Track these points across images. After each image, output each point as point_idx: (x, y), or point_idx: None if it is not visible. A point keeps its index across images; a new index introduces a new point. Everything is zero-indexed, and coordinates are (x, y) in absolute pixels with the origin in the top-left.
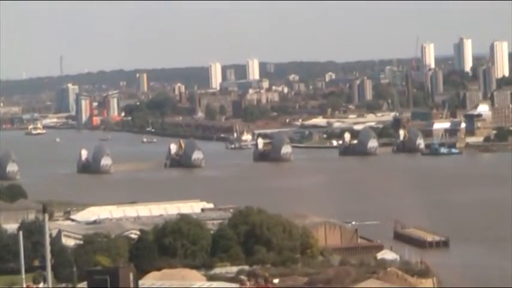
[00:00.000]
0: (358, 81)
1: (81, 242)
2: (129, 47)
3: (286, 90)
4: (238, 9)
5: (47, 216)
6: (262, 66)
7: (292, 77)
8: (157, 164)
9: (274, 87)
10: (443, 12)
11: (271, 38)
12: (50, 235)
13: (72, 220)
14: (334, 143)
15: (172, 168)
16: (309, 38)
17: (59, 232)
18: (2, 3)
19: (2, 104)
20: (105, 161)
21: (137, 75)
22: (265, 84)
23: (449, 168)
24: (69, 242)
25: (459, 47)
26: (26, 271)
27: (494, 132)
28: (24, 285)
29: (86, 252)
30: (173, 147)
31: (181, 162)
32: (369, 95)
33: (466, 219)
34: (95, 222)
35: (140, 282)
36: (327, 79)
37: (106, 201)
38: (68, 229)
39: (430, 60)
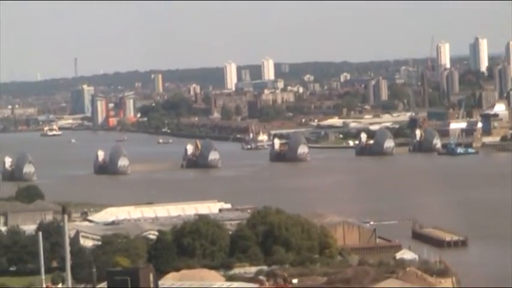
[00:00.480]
0: (373, 82)
1: (100, 243)
2: (144, 48)
3: (301, 90)
4: (253, 10)
5: (66, 217)
6: (277, 66)
7: (307, 77)
8: (174, 164)
9: (289, 88)
10: (458, 12)
11: (286, 38)
12: (69, 236)
13: (90, 221)
14: (351, 143)
15: (189, 169)
16: (324, 38)
17: (77, 233)
18: (16, 4)
19: (17, 106)
20: (122, 162)
21: (152, 76)
22: (280, 84)
23: (466, 167)
24: (87, 242)
25: (475, 47)
26: (45, 272)
27: (511, 131)
28: (44, 286)
29: (105, 252)
30: (190, 148)
31: (197, 162)
32: (384, 95)
33: (484, 218)
34: (113, 223)
35: (159, 282)
36: (342, 79)
37: (123, 202)
38: (86, 230)
39: (446, 60)
